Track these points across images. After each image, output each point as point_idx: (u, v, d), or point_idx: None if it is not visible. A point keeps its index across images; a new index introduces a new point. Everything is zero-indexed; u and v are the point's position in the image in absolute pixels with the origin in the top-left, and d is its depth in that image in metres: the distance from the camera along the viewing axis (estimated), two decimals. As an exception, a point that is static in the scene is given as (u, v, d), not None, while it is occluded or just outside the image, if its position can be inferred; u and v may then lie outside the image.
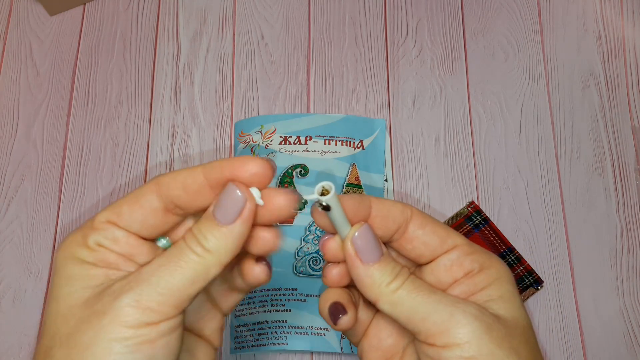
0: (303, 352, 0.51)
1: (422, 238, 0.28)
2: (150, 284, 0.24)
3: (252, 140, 0.56)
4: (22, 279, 0.53)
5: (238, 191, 0.25)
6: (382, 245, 0.28)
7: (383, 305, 0.27)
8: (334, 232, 0.28)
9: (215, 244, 0.25)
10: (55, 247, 0.27)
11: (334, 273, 0.29)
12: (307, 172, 0.55)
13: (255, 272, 0.28)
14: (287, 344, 0.50)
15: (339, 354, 0.51)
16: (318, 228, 0.53)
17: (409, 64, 0.60)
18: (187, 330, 0.29)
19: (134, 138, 0.58)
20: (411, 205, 0.28)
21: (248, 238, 0.26)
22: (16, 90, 0.60)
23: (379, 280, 0.27)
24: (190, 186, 0.26)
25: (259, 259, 0.28)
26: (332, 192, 0.25)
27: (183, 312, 0.25)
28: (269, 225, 0.27)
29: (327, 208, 0.26)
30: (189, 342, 0.29)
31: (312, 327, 0.50)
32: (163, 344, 0.24)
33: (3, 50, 0.61)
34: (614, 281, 0.53)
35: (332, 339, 0.50)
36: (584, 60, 0.61)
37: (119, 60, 0.61)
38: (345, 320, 0.28)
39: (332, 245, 0.28)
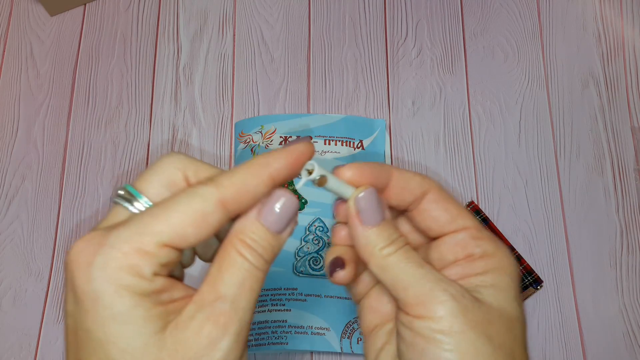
0: (303, 351, 0.51)
1: (432, 212, 0.28)
2: (241, 320, 0.24)
3: (252, 141, 0.56)
4: (23, 279, 0.54)
5: (294, 201, 0.26)
6: (387, 212, 0.28)
7: (372, 267, 0.28)
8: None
9: (272, 255, 0.26)
10: (75, 264, 0.23)
11: (342, 235, 0.30)
12: (307, 172, 0.55)
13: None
14: (287, 343, 0.50)
15: (339, 353, 0.51)
16: (318, 228, 0.53)
17: (409, 64, 0.60)
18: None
19: (135, 138, 0.58)
20: (431, 179, 0.29)
21: None
22: (17, 91, 0.60)
23: (374, 242, 0.27)
24: (256, 195, 0.25)
25: None
26: (316, 166, 0.26)
27: None
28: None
29: (322, 181, 0.27)
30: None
31: (312, 326, 0.50)
32: None
33: (4, 51, 0.61)
34: (614, 281, 0.53)
35: (332, 339, 0.50)
36: (583, 61, 0.61)
37: (120, 60, 0.61)
38: (340, 275, 0.29)
39: (343, 207, 0.29)
